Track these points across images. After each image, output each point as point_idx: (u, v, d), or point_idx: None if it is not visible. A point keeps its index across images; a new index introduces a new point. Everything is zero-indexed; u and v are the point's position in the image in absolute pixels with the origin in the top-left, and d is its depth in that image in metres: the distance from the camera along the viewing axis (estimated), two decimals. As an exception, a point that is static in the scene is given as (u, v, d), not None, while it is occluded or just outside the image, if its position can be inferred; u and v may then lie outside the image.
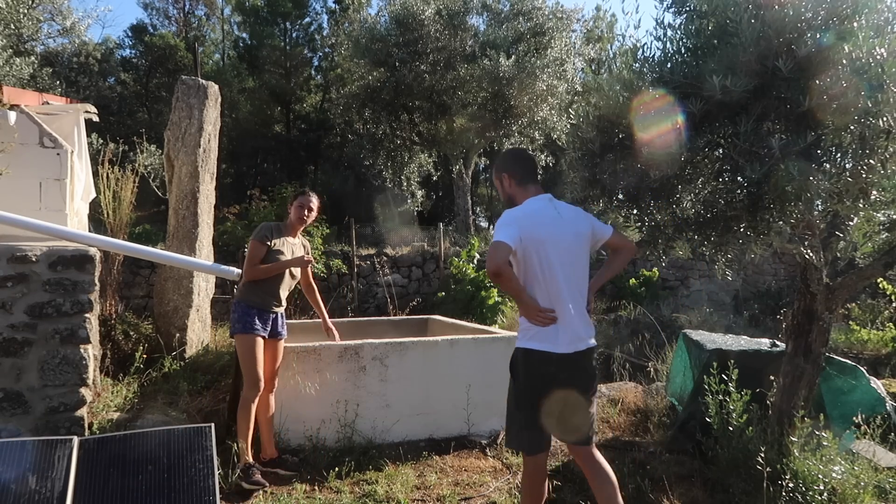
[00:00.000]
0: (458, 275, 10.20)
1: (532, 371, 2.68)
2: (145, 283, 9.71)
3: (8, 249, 3.76)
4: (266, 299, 3.90)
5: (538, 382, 2.67)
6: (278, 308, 3.98)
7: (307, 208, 4.06)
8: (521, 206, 2.80)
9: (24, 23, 12.23)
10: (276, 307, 3.95)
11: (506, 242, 2.56)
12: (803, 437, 3.42)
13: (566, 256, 2.72)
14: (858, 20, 2.71)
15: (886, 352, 7.60)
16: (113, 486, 2.94)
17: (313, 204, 4.10)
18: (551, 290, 2.68)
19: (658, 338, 7.01)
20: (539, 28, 14.90)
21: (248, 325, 3.79)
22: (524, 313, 2.70)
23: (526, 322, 2.71)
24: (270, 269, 3.87)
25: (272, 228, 3.98)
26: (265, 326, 3.87)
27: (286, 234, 4.05)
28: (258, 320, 3.82)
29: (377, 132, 15.83)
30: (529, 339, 2.69)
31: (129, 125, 17.91)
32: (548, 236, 2.68)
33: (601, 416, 5.07)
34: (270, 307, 3.92)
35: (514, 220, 2.68)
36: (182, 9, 26.69)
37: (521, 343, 2.74)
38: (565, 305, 2.68)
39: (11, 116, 4.58)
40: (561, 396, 2.66)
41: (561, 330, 2.65)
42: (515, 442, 2.84)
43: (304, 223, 4.10)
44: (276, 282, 3.94)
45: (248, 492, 3.55)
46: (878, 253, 3.59)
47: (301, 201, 4.07)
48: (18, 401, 3.67)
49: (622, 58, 3.26)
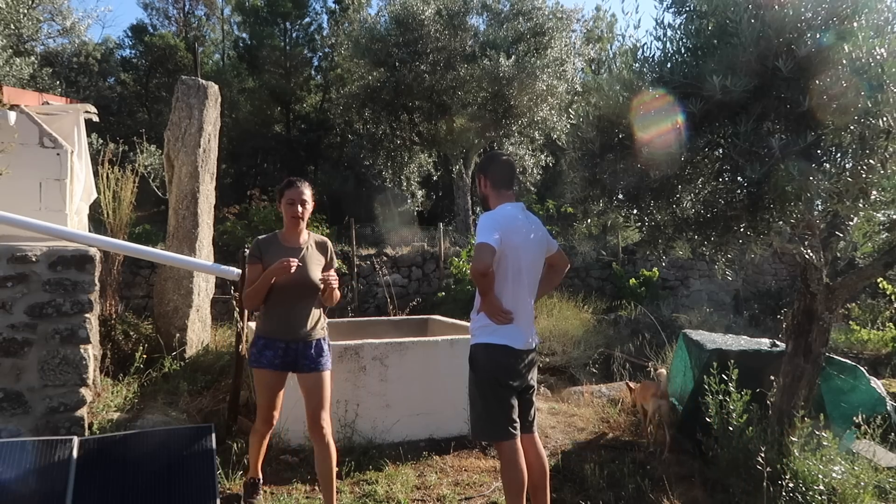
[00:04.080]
0: (458, 275, 10.21)
1: (494, 363, 2.92)
2: (145, 283, 9.70)
3: (8, 249, 3.75)
4: (273, 327, 3.27)
5: (501, 373, 2.91)
6: (290, 336, 3.24)
7: (299, 202, 3.28)
8: (499, 211, 3.01)
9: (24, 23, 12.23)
10: (287, 335, 3.25)
11: (491, 244, 2.77)
12: (803, 437, 3.42)
13: (532, 264, 3.01)
14: (858, 20, 2.72)
15: (886, 352, 7.61)
16: (113, 486, 2.94)
17: (305, 194, 3.31)
18: (517, 292, 2.94)
19: (658, 338, 7.01)
20: (539, 28, 14.90)
21: (254, 355, 3.29)
22: (488, 311, 2.91)
23: (484, 319, 2.94)
24: (251, 291, 3.23)
25: (263, 243, 3.32)
26: (275, 358, 3.25)
27: (286, 242, 3.32)
28: (267, 350, 3.26)
29: (377, 132, 15.83)
30: (489, 335, 2.93)
31: (129, 125, 17.91)
32: (520, 243, 2.94)
33: (601, 415, 5.08)
34: (279, 335, 3.25)
35: (496, 224, 2.88)
36: (182, 9, 26.69)
37: (480, 339, 2.96)
38: (525, 308, 2.98)
39: (11, 116, 4.58)
40: (516, 386, 2.94)
41: (518, 329, 2.93)
42: (483, 433, 3.10)
43: (300, 221, 3.31)
44: (279, 304, 3.25)
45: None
46: (878, 253, 3.59)
47: (290, 196, 3.29)
48: (18, 401, 3.67)
49: (622, 58, 3.27)
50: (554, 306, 9.20)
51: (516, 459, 2.88)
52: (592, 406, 5.32)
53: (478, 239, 2.81)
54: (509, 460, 2.88)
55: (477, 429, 3.07)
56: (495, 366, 2.91)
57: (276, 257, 3.16)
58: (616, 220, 3.58)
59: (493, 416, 2.91)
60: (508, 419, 2.90)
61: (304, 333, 3.25)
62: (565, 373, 6.90)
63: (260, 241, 3.34)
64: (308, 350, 3.26)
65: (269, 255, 3.24)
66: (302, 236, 3.37)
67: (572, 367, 6.91)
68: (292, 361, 3.26)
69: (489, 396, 2.93)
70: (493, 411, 2.91)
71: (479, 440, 3.06)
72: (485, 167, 3.14)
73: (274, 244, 3.31)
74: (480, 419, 2.99)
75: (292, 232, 3.35)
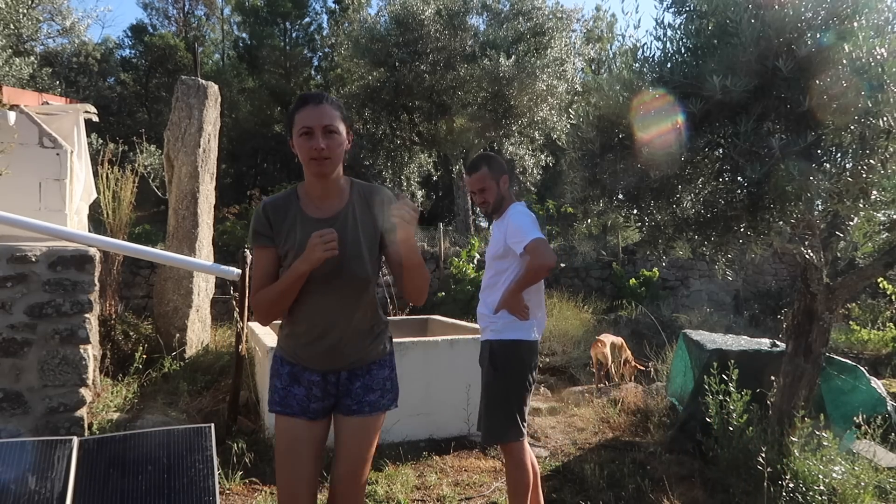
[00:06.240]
0: (458, 275, 10.21)
1: (525, 361, 2.84)
2: (145, 283, 9.71)
3: (8, 249, 3.75)
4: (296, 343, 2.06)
5: (530, 370, 2.85)
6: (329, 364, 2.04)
7: (320, 132, 1.91)
8: (525, 209, 2.96)
9: (24, 23, 12.24)
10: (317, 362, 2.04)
11: (546, 239, 2.78)
12: (803, 437, 3.41)
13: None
14: (858, 20, 2.72)
15: (887, 352, 7.60)
16: (113, 486, 2.94)
17: (332, 118, 1.92)
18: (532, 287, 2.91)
19: (658, 338, 7.01)
20: (539, 28, 14.90)
21: (271, 395, 2.12)
22: (515, 306, 2.81)
23: (507, 315, 2.83)
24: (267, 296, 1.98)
25: (273, 209, 2.03)
26: (299, 396, 2.06)
27: (313, 206, 2.02)
28: (286, 382, 2.07)
29: (377, 132, 15.83)
30: (514, 330, 2.83)
31: (129, 125, 17.92)
32: None
33: (601, 415, 5.08)
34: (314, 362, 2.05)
35: (535, 220, 2.87)
36: (182, 9, 26.69)
37: (509, 335, 2.84)
38: (540, 300, 2.97)
39: (11, 116, 4.58)
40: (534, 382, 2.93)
41: (536, 322, 2.90)
42: (502, 436, 2.86)
43: (326, 164, 1.92)
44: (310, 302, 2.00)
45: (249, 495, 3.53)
46: (878, 253, 3.59)
47: (304, 123, 1.92)
48: (18, 401, 3.67)
49: (622, 58, 3.26)
50: (554, 306, 9.20)
51: (526, 460, 2.84)
52: (592, 406, 5.32)
53: (532, 234, 2.74)
54: (520, 461, 2.83)
55: (495, 432, 2.86)
56: (526, 363, 2.85)
57: (299, 236, 1.96)
58: (616, 220, 3.58)
59: (514, 416, 2.82)
60: (524, 418, 2.85)
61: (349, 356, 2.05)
62: (565, 373, 6.90)
63: (268, 206, 2.03)
64: (355, 382, 2.08)
65: (284, 233, 2.00)
66: (339, 192, 2.03)
67: (572, 367, 6.91)
68: (321, 399, 2.07)
69: (513, 397, 2.83)
70: (515, 412, 2.82)
71: (495, 444, 2.84)
72: (504, 169, 3.04)
73: (292, 211, 2.01)
74: (500, 421, 2.83)
75: (319, 188, 1.99)
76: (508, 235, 2.84)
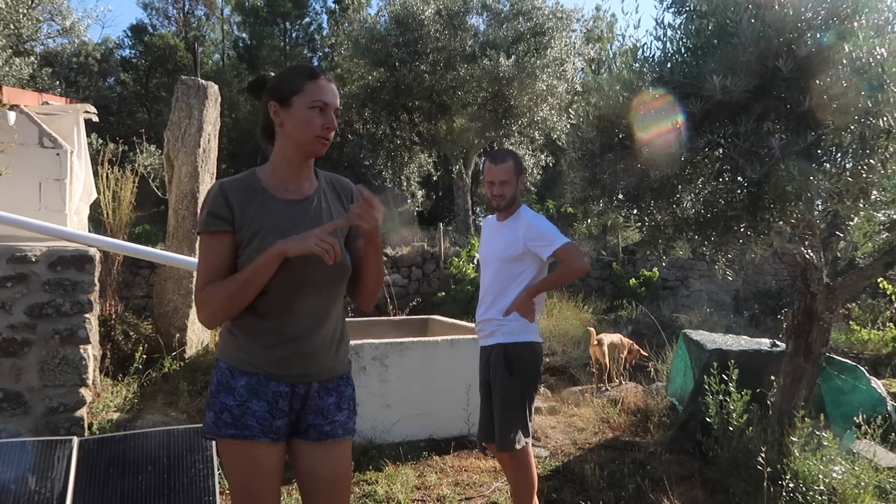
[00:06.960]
0: (458, 275, 10.21)
1: (538, 362, 2.88)
2: (145, 283, 9.69)
3: (8, 249, 3.75)
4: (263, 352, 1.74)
5: (539, 371, 2.90)
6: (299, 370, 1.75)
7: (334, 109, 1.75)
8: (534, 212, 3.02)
9: (24, 23, 12.24)
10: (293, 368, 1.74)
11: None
12: (803, 437, 3.41)
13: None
14: (858, 20, 2.72)
15: (887, 352, 7.60)
16: (113, 486, 2.94)
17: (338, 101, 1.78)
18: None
19: (658, 338, 7.01)
20: (539, 28, 14.90)
21: (217, 415, 1.71)
22: (528, 308, 2.81)
23: (518, 317, 2.82)
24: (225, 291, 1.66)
25: (232, 190, 1.75)
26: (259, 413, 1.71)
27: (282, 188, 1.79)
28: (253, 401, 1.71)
29: (377, 132, 15.83)
30: (529, 332, 2.85)
31: (129, 125, 17.93)
32: None
33: (601, 415, 5.08)
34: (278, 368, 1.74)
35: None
36: (182, 9, 26.71)
37: (523, 338, 2.84)
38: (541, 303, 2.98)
39: (11, 117, 4.58)
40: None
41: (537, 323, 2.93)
42: (518, 440, 2.79)
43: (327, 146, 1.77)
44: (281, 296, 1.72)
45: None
46: (878, 253, 3.60)
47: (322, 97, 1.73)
48: (18, 401, 3.67)
49: (622, 58, 3.26)
50: (554, 306, 9.19)
51: (531, 462, 2.85)
52: (592, 406, 5.32)
53: (562, 238, 2.79)
54: (526, 464, 2.81)
55: (513, 436, 2.76)
56: (538, 365, 2.88)
57: (269, 218, 1.72)
58: (616, 220, 3.58)
59: (526, 419, 2.79)
60: (532, 419, 2.86)
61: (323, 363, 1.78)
62: (565, 373, 6.90)
63: (227, 186, 1.75)
64: (326, 397, 1.80)
65: (250, 215, 1.72)
66: (309, 176, 1.84)
67: (572, 367, 6.91)
68: (295, 420, 1.79)
69: (527, 399, 2.81)
70: (527, 414, 2.80)
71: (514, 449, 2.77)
72: (524, 168, 3.07)
73: (258, 192, 1.76)
74: (516, 425, 2.76)
75: (292, 170, 1.79)
76: (529, 238, 2.80)
